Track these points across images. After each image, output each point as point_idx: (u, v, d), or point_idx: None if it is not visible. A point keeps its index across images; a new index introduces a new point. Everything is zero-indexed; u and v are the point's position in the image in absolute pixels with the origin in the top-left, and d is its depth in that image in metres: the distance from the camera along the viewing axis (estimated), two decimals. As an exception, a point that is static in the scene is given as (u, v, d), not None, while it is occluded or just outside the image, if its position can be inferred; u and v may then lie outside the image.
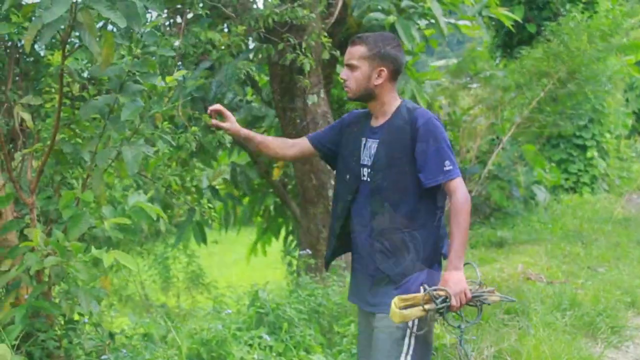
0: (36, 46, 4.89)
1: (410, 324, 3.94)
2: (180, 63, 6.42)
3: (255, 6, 7.12)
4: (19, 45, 5.48)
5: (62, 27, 3.77)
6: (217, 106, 4.28)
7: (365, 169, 4.11)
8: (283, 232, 13.50)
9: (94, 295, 4.57)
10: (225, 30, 7.61)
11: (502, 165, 15.56)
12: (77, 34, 4.03)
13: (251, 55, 9.53)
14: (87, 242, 4.87)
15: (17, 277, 4.42)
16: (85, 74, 5.54)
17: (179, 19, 7.12)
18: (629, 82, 29.32)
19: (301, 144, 4.47)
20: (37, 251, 4.06)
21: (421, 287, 3.90)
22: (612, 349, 7.46)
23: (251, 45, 9.07)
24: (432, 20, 9.75)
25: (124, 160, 4.28)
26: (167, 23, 7.46)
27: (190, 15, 7.22)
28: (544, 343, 6.65)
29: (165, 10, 6.68)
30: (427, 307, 3.81)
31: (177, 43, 5.95)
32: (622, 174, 22.59)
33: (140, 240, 10.78)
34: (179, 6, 7.15)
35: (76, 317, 4.96)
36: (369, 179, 4.09)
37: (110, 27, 4.18)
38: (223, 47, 6.89)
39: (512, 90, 15.28)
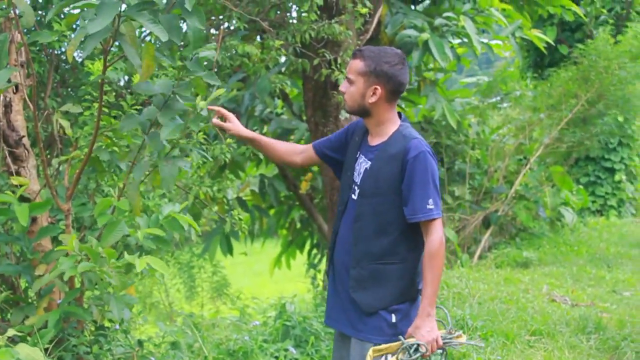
0: (75, 54, 4.95)
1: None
2: (216, 72, 6.48)
3: (292, 21, 7.17)
4: (58, 53, 5.59)
5: (105, 37, 3.82)
6: (216, 107, 4.33)
7: (355, 187, 4.07)
8: (307, 246, 13.53)
9: (124, 302, 4.63)
10: (259, 42, 7.67)
11: (529, 185, 15.53)
12: (117, 43, 4.09)
13: (283, 69, 9.63)
14: (120, 250, 4.93)
15: (50, 282, 4.48)
16: (121, 83, 5.64)
17: (213, 30, 7.17)
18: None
19: (308, 152, 4.42)
20: (71, 256, 4.12)
21: (397, 323, 3.93)
22: (636, 374, 7.45)
23: (282, 58, 9.16)
24: (465, 39, 9.79)
25: (160, 175, 4.36)
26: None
27: (226, 27, 7.29)
28: (569, 366, 6.66)
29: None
30: (400, 357, 3.80)
31: (216, 57, 6.00)
32: (650, 199, 22.50)
33: (171, 250, 10.86)
34: (213, 17, 7.22)
35: (106, 323, 5.02)
36: (356, 200, 4.05)
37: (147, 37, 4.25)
38: (258, 61, 6.94)
39: (542, 111, 15.29)
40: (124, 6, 3.71)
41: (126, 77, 5.48)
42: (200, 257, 14.46)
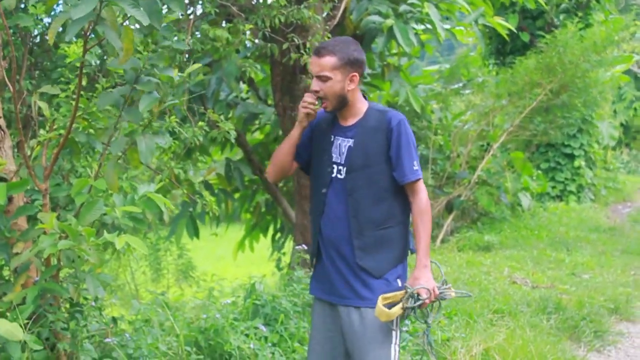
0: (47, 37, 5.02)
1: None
2: (187, 58, 6.56)
3: (261, 6, 7.25)
4: (33, 36, 5.65)
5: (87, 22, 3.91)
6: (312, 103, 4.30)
7: (336, 167, 4.25)
8: (271, 230, 13.63)
9: (100, 280, 4.73)
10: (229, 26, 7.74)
11: (492, 171, 15.74)
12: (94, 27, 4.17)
13: (249, 54, 9.70)
14: (96, 227, 5.02)
15: (28, 260, 4.56)
16: (92, 66, 5.71)
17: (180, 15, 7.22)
18: (618, 94, 29.58)
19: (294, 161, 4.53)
20: (50, 234, 4.19)
21: (402, 285, 4.18)
22: (595, 353, 7.66)
23: (248, 43, 9.22)
24: (429, 25, 9.92)
25: (138, 150, 4.46)
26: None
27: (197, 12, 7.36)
28: (531, 343, 6.83)
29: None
30: (404, 305, 4.07)
31: (187, 40, 6.08)
32: (608, 184, 22.83)
33: (145, 229, 10.91)
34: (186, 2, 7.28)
35: (82, 300, 5.10)
36: (343, 177, 4.22)
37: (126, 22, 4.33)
38: (227, 45, 7.01)
39: (504, 97, 15.47)
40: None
41: (98, 61, 5.54)
42: (166, 240, 14.52)
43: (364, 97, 4.37)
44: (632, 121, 38.60)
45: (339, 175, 4.24)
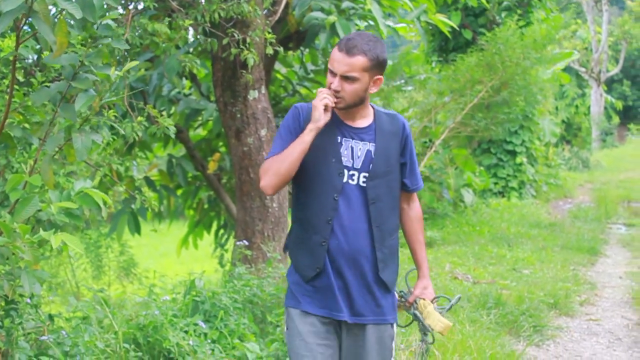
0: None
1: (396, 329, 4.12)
2: (126, 54, 6.50)
3: (201, 0, 7.21)
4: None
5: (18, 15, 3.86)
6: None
7: (347, 171, 3.92)
8: (215, 226, 13.58)
9: (36, 277, 4.66)
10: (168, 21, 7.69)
11: (434, 167, 15.85)
12: (29, 20, 4.12)
13: (191, 49, 9.65)
14: (32, 224, 4.95)
15: (-40, 257, 4.49)
16: (29, 60, 5.64)
17: (121, 10, 7.16)
18: (560, 91, 29.94)
19: None
20: (-17, 231, 4.14)
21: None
22: (533, 347, 7.76)
23: (191, 38, 9.17)
24: (372, 22, 9.93)
25: (74, 146, 4.40)
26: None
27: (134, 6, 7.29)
28: (470, 338, 6.90)
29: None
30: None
31: (125, 35, 6.03)
32: (550, 181, 23.09)
33: (81, 226, 10.80)
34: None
35: (17, 297, 5.04)
36: (362, 184, 3.92)
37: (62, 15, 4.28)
38: (167, 40, 6.97)
39: (446, 94, 15.57)
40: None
41: (35, 56, 5.47)
42: (107, 237, 14.40)
43: None
44: (573, 118, 39.23)
45: (351, 181, 3.93)
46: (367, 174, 3.93)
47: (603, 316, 9.09)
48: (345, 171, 3.92)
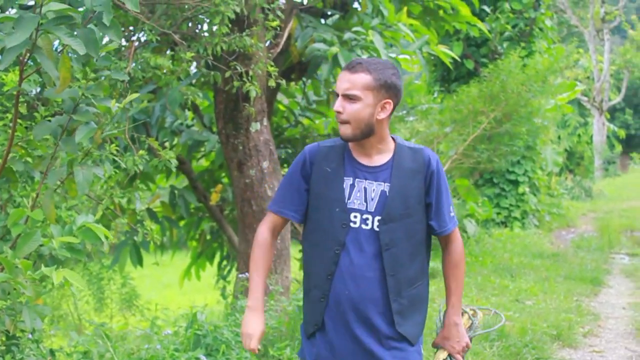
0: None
1: None
2: (127, 86, 6.51)
3: (204, 34, 7.24)
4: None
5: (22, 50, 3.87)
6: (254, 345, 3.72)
7: (361, 215, 3.64)
8: (217, 257, 13.55)
9: (37, 312, 4.65)
10: (171, 54, 7.72)
11: (436, 198, 15.75)
12: (32, 55, 4.13)
13: (194, 81, 9.68)
14: (33, 259, 4.94)
15: (-39, 292, 4.48)
16: (32, 94, 5.65)
17: (123, 42, 7.19)
18: (562, 120, 29.95)
19: (275, 227, 3.88)
20: (-15, 267, 4.13)
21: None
22: (537, 380, 7.71)
23: (193, 70, 9.20)
24: (374, 53, 9.97)
25: (76, 180, 4.40)
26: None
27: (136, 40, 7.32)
28: (473, 372, 6.86)
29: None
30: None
31: (127, 68, 6.05)
32: (552, 210, 23.01)
33: (83, 260, 10.79)
34: (123, 29, 7.25)
35: (18, 333, 5.02)
36: (375, 229, 3.62)
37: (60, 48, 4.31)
38: (169, 73, 6.99)
39: (448, 125, 15.56)
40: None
41: (38, 89, 5.48)
42: (110, 269, 14.37)
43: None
44: (575, 147, 39.20)
45: (364, 226, 3.63)
46: (380, 217, 3.62)
47: (606, 347, 9.02)
48: (359, 215, 3.63)
